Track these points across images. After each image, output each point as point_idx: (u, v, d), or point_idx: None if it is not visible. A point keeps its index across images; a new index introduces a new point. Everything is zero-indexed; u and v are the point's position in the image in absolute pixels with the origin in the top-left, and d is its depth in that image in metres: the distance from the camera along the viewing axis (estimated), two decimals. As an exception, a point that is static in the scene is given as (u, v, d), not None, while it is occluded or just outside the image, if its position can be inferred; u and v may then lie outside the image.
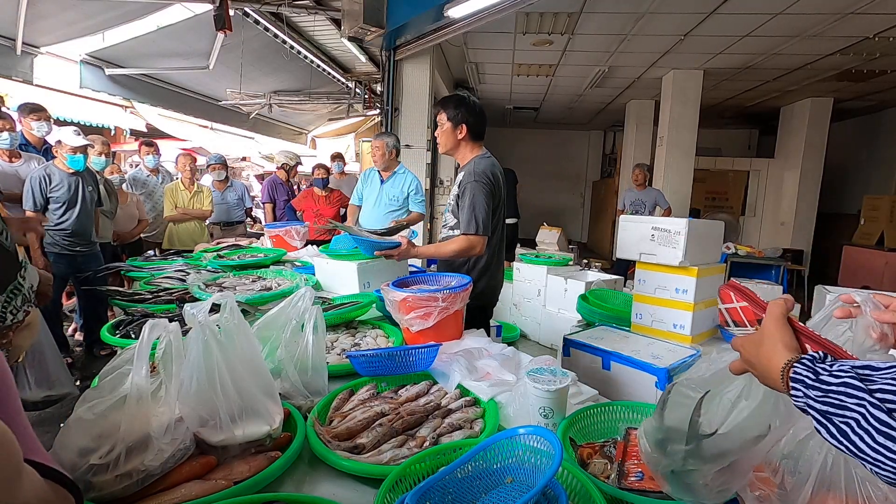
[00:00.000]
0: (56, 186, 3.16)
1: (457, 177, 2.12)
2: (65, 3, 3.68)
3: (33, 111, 3.49)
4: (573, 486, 0.80)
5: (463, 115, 2.05)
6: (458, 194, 2.03)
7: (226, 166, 4.95)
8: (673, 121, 6.60)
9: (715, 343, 2.39)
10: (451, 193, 2.12)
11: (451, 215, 2.09)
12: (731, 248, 5.38)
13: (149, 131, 7.47)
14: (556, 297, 4.06)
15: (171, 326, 0.88)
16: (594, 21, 4.77)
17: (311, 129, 9.57)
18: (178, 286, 2.18)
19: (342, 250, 2.45)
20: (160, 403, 0.87)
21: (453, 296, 1.52)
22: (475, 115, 2.07)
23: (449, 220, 2.11)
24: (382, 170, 3.39)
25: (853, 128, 8.42)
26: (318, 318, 1.17)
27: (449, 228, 2.11)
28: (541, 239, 5.67)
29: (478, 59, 6.27)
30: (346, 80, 6.18)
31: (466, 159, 2.10)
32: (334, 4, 4.08)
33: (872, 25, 4.54)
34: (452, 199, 2.09)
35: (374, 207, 3.39)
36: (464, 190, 1.99)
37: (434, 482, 0.75)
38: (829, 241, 7.58)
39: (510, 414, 1.12)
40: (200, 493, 0.79)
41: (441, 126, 2.08)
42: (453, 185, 2.12)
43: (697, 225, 2.29)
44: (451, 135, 2.07)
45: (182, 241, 4.28)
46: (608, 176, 10.82)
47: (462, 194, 2.00)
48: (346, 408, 1.12)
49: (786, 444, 0.69)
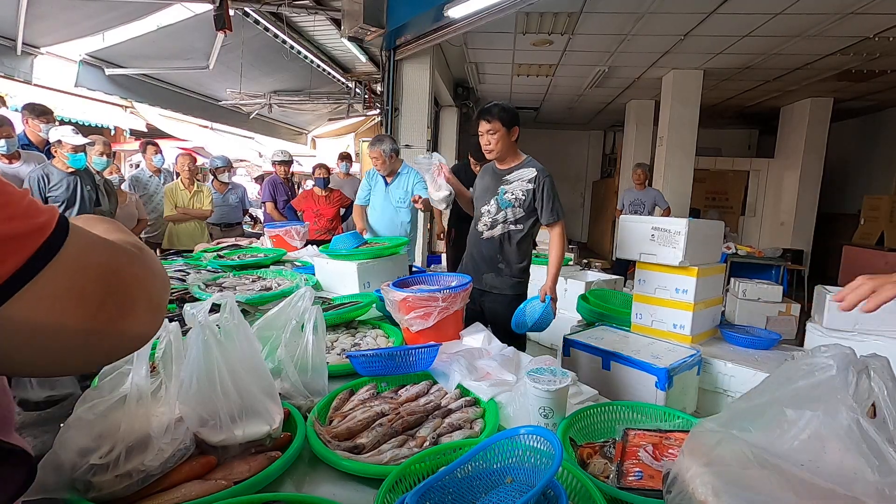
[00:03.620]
0: (55, 186, 3.16)
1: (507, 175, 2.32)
2: (65, 3, 3.68)
3: (43, 113, 3.48)
4: (573, 486, 0.80)
5: (514, 119, 2.25)
6: (533, 189, 2.25)
7: (230, 168, 4.97)
8: (673, 121, 6.60)
9: (715, 343, 2.40)
10: (511, 187, 2.29)
11: (512, 211, 2.29)
12: (732, 248, 5.38)
13: (149, 131, 7.48)
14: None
15: (171, 326, 0.88)
16: (594, 21, 4.77)
17: (311, 129, 9.58)
18: (178, 286, 2.18)
19: (342, 250, 2.45)
20: (160, 403, 0.87)
21: (453, 296, 1.52)
22: (518, 115, 2.29)
23: (509, 215, 2.30)
24: (387, 174, 3.39)
25: (853, 128, 8.42)
26: (318, 318, 1.17)
27: (511, 223, 2.31)
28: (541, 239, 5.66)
29: (478, 59, 6.27)
30: (346, 80, 6.18)
31: (518, 159, 2.34)
32: (334, 4, 4.08)
33: (872, 25, 4.54)
34: (521, 194, 2.27)
35: (381, 211, 3.40)
36: (542, 185, 2.25)
37: (434, 482, 0.75)
38: (829, 241, 7.58)
39: (510, 414, 1.12)
40: (200, 493, 0.79)
41: (494, 133, 2.22)
42: (513, 182, 2.30)
43: (697, 225, 2.29)
44: (506, 139, 2.25)
45: (182, 242, 4.28)
46: (608, 176, 10.82)
47: (540, 188, 2.25)
48: (346, 408, 1.12)
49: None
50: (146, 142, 4.91)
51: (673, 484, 0.68)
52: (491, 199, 2.34)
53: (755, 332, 2.46)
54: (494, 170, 2.38)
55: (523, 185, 2.27)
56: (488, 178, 2.40)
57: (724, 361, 2.15)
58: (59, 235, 0.37)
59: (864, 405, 0.60)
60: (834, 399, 0.61)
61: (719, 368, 2.16)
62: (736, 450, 0.63)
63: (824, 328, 2.09)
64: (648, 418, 1.11)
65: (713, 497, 0.60)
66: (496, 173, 2.36)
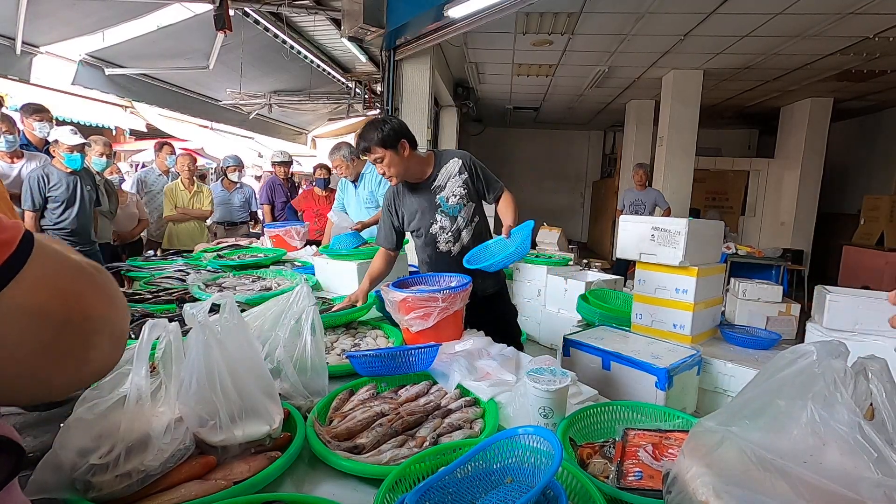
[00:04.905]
0: (54, 186, 3.16)
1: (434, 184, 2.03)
2: (64, 2, 3.67)
3: (36, 112, 3.49)
4: (573, 486, 0.80)
5: (394, 134, 1.90)
6: (467, 177, 2.02)
7: (241, 168, 5.00)
8: (673, 121, 6.60)
9: (715, 343, 2.40)
10: (447, 191, 2.02)
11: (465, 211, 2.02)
12: (732, 248, 5.38)
13: (149, 131, 7.47)
14: (556, 297, 4.06)
15: (170, 326, 0.88)
16: (594, 21, 4.77)
17: (311, 130, 9.57)
18: (178, 286, 2.18)
19: (342, 250, 2.45)
20: (160, 403, 0.87)
21: (453, 296, 1.52)
22: (400, 126, 1.96)
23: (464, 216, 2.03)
24: (353, 178, 3.39)
25: (853, 128, 8.42)
26: (316, 317, 1.17)
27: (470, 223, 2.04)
28: (541, 239, 5.66)
29: (478, 59, 6.27)
30: (346, 80, 6.17)
31: (430, 163, 2.05)
32: (334, 4, 4.08)
33: (872, 25, 4.54)
34: (461, 189, 2.01)
35: (355, 216, 3.36)
36: (472, 167, 2.04)
37: (434, 482, 0.75)
38: (829, 241, 7.58)
39: (510, 414, 1.12)
40: (200, 493, 0.79)
41: (381, 160, 1.90)
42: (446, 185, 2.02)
43: (697, 225, 2.29)
44: (398, 157, 1.91)
45: (182, 241, 4.29)
46: (608, 176, 10.82)
47: (473, 171, 2.04)
48: (346, 408, 1.12)
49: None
50: (161, 142, 5.00)
51: (673, 484, 0.68)
52: (436, 215, 2.03)
53: (755, 332, 2.46)
54: (414, 187, 2.06)
55: (457, 179, 2.02)
56: (412, 198, 2.06)
57: (724, 361, 2.15)
58: (23, 253, 0.35)
59: (863, 407, 0.61)
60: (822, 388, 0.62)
61: (719, 368, 2.16)
62: (736, 449, 0.63)
63: (824, 328, 2.09)
64: (648, 418, 1.11)
65: (714, 497, 0.60)
66: (418, 188, 2.05)
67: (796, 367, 0.65)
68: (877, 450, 0.56)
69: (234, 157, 5.00)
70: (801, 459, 0.58)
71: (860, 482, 0.55)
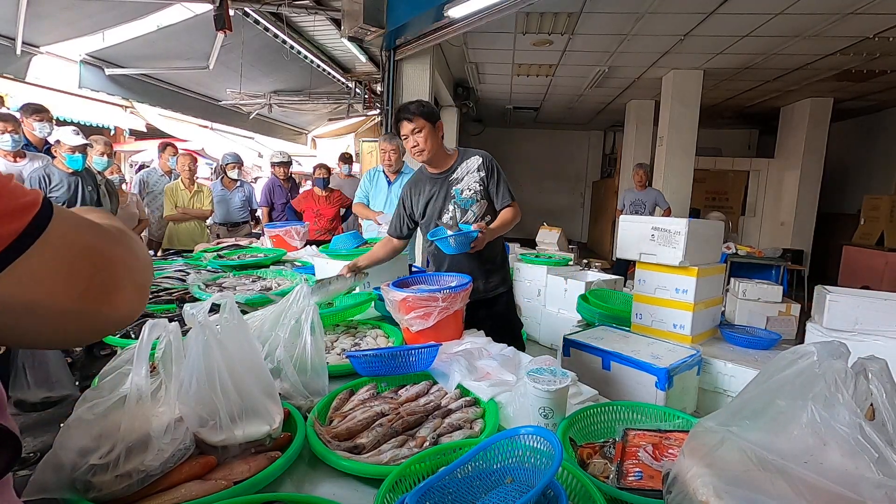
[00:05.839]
0: (56, 186, 3.16)
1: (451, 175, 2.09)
2: (64, 2, 3.67)
3: (35, 112, 3.49)
4: (573, 487, 0.80)
5: (437, 114, 2.06)
6: (485, 175, 2.07)
7: (241, 165, 4.99)
8: (673, 121, 6.60)
9: (715, 343, 2.40)
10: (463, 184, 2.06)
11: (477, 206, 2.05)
12: (732, 248, 5.38)
13: (149, 131, 7.47)
14: (556, 297, 4.06)
15: (170, 326, 0.88)
16: (594, 21, 4.77)
17: (312, 130, 9.57)
18: (178, 286, 2.18)
19: (342, 250, 2.45)
20: (160, 403, 0.87)
21: (453, 296, 1.52)
22: (438, 114, 2.10)
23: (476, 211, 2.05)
24: (393, 172, 3.38)
25: (853, 128, 8.42)
26: (315, 317, 1.17)
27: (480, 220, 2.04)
28: (541, 239, 5.66)
29: (478, 59, 6.27)
30: (346, 80, 6.17)
31: (452, 155, 2.13)
32: (334, 4, 4.08)
33: (872, 25, 4.55)
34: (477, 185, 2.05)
35: (385, 210, 3.39)
36: (491, 168, 2.09)
37: (434, 482, 0.75)
38: (829, 241, 7.58)
39: (510, 414, 1.12)
40: (200, 493, 0.79)
41: (419, 131, 1.99)
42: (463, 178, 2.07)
43: (697, 225, 2.29)
44: (434, 136, 2.03)
45: (182, 241, 4.29)
46: (608, 176, 10.83)
47: (491, 172, 2.08)
48: (346, 408, 1.12)
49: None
50: (165, 142, 5.01)
51: (673, 484, 0.68)
52: (448, 205, 2.07)
53: (755, 332, 2.46)
54: (432, 176, 2.12)
55: (474, 175, 2.06)
56: (429, 187, 2.12)
57: (724, 361, 2.15)
58: (45, 214, 0.38)
59: (863, 407, 0.61)
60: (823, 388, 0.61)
61: (719, 368, 2.16)
62: (736, 449, 0.63)
63: (824, 328, 2.09)
64: (648, 418, 1.11)
65: (714, 497, 0.60)
66: (436, 178, 2.11)
67: (797, 368, 0.65)
68: (877, 450, 0.56)
69: (234, 155, 4.97)
70: (801, 460, 0.58)
71: (861, 482, 0.55)
